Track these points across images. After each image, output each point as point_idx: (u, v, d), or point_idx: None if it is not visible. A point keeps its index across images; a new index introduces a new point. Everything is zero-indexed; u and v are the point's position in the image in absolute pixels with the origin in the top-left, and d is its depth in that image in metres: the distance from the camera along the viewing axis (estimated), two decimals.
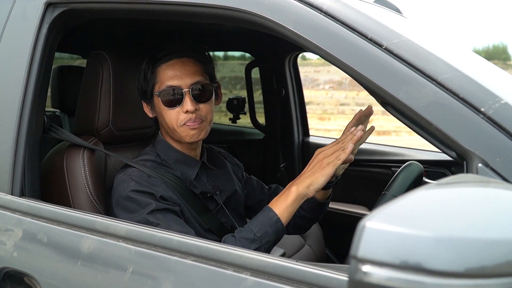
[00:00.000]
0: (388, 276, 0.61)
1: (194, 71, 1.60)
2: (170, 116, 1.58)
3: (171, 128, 1.60)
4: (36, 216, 1.33)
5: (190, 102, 1.56)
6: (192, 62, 1.61)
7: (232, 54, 5.38)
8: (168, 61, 1.59)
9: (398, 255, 0.61)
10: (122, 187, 1.53)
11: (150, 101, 1.64)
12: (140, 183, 1.52)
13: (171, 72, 1.58)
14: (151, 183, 1.53)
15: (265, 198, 1.93)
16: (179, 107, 1.57)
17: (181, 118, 1.57)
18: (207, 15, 1.30)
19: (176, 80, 1.57)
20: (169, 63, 1.59)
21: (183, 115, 1.57)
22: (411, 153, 2.90)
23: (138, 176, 1.54)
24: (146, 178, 1.54)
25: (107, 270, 1.19)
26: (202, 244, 1.13)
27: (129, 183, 1.52)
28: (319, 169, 1.41)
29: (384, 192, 1.36)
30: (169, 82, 1.57)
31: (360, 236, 0.63)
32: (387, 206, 0.66)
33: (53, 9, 1.48)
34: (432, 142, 1.14)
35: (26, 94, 1.44)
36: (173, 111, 1.57)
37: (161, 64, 1.59)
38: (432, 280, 0.60)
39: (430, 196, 0.71)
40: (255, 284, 1.04)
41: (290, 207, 1.44)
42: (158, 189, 1.52)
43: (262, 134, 3.16)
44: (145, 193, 1.50)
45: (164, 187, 1.54)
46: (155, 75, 1.59)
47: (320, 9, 1.16)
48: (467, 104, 1.00)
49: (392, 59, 1.07)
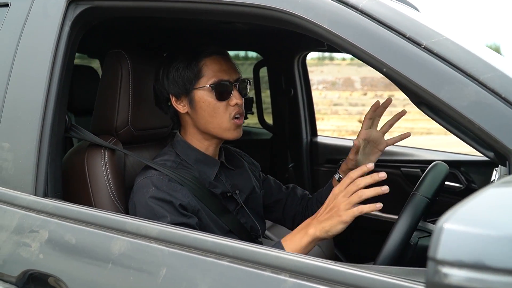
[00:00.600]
0: (469, 277, 0.60)
1: (234, 67, 1.65)
2: (219, 109, 1.59)
3: (218, 122, 1.60)
4: (63, 217, 1.31)
5: (238, 95, 1.61)
6: (228, 58, 1.66)
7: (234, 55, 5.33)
8: (211, 55, 1.61)
9: (478, 256, 0.61)
10: (142, 192, 1.51)
11: (188, 95, 1.61)
12: (160, 188, 1.50)
13: (218, 66, 1.60)
14: (171, 188, 1.51)
15: (283, 197, 1.92)
16: (227, 101, 1.59)
17: (230, 110, 1.59)
18: (238, 14, 1.29)
19: (226, 74, 1.60)
20: (213, 58, 1.61)
21: (231, 108, 1.60)
22: (419, 153, 2.90)
23: (158, 180, 1.52)
24: (166, 182, 1.52)
25: (140, 272, 1.17)
26: (238, 245, 1.12)
27: (149, 188, 1.50)
28: (336, 215, 1.32)
29: (413, 192, 1.35)
30: (220, 75, 1.59)
31: (439, 237, 0.63)
32: (461, 205, 0.65)
33: (75, 6, 1.46)
34: (468, 142, 1.14)
35: (49, 93, 1.42)
36: (222, 104, 1.59)
37: (204, 57, 1.60)
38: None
39: (501, 195, 0.70)
40: (295, 286, 1.02)
41: (304, 249, 1.35)
42: (178, 195, 1.50)
43: (270, 134, 3.16)
44: (164, 201, 1.48)
45: (184, 192, 1.52)
46: (200, 68, 1.59)
47: (356, 7, 1.15)
48: (509, 104, 1.00)
49: (433, 58, 1.06)
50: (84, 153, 1.60)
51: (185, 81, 1.60)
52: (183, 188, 1.53)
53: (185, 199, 1.51)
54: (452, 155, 2.75)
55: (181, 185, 1.53)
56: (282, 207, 1.92)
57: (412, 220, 1.27)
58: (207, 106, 1.59)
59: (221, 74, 1.59)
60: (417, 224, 1.30)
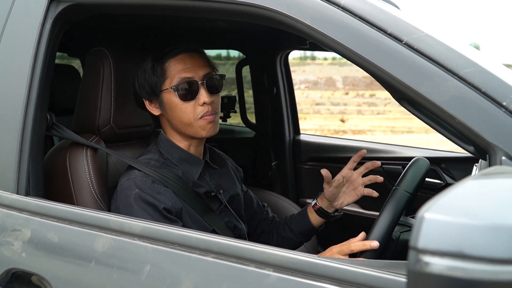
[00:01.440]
0: (449, 265, 0.62)
1: (203, 63, 1.61)
2: (186, 110, 1.56)
3: (187, 123, 1.58)
4: (46, 216, 1.30)
5: (206, 93, 1.56)
6: (198, 55, 1.62)
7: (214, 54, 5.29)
8: (177, 55, 1.58)
9: (458, 245, 0.62)
10: (125, 194, 1.51)
11: (158, 98, 1.61)
12: (144, 190, 1.50)
13: (182, 66, 1.57)
14: (155, 191, 1.51)
15: (259, 213, 1.94)
16: (194, 100, 1.56)
17: (198, 111, 1.56)
18: (220, 11, 1.29)
19: (190, 73, 1.57)
20: (178, 57, 1.58)
21: (199, 108, 1.56)
22: (400, 150, 2.92)
23: (142, 182, 1.51)
24: (150, 184, 1.51)
25: (123, 270, 1.17)
26: (222, 241, 1.12)
27: (132, 190, 1.50)
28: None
29: (395, 187, 1.37)
30: (183, 75, 1.56)
31: (420, 227, 0.64)
32: (441, 196, 0.67)
33: (56, 4, 1.44)
34: (449, 137, 1.15)
35: (31, 92, 1.41)
36: (189, 104, 1.56)
37: (169, 58, 1.58)
38: (492, 268, 0.60)
39: (479, 186, 0.72)
40: (279, 280, 1.03)
41: None
42: (161, 198, 1.50)
43: (253, 133, 3.16)
44: (148, 204, 1.48)
45: (167, 194, 1.52)
46: (165, 70, 1.58)
47: (338, 4, 1.16)
48: (489, 98, 1.01)
49: (413, 54, 1.07)
50: (66, 151, 1.59)
51: (152, 85, 1.59)
52: (166, 190, 1.52)
53: (169, 202, 1.51)
54: (432, 152, 2.78)
55: (165, 187, 1.53)
56: (256, 222, 1.92)
57: (394, 214, 1.29)
58: (174, 108, 1.58)
59: (185, 74, 1.56)
60: (399, 218, 1.32)
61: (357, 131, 17.35)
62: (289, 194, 2.92)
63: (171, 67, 1.57)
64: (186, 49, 1.60)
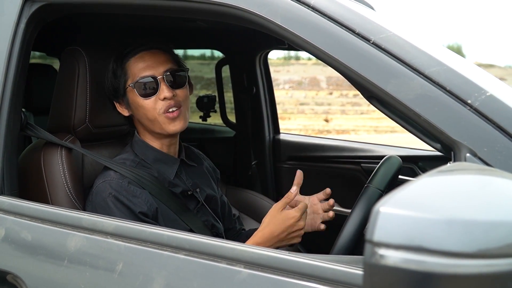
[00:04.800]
0: (404, 258, 0.63)
1: (165, 59, 1.61)
2: (148, 106, 1.57)
3: (152, 119, 1.58)
4: (19, 215, 1.30)
5: (166, 88, 1.57)
6: (160, 51, 1.63)
7: (191, 54, 5.24)
8: (137, 54, 1.60)
9: (413, 238, 0.64)
10: (101, 196, 1.51)
11: (124, 99, 1.63)
12: (120, 192, 1.50)
13: (142, 64, 1.59)
14: (131, 193, 1.51)
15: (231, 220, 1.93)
16: (155, 96, 1.57)
17: (159, 106, 1.57)
18: (192, 10, 1.30)
19: (149, 70, 1.58)
20: (138, 56, 1.60)
21: (160, 103, 1.57)
22: (379, 149, 2.95)
23: (117, 185, 1.52)
24: (125, 187, 1.52)
25: (96, 267, 1.18)
26: (194, 238, 1.13)
27: (108, 193, 1.50)
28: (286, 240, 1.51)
29: (367, 185, 1.39)
30: (142, 73, 1.58)
31: (375, 220, 0.65)
32: (397, 192, 0.68)
33: (31, 4, 1.44)
34: (417, 135, 1.18)
35: (5, 91, 1.41)
36: (150, 100, 1.57)
37: (130, 58, 1.60)
38: (446, 261, 0.62)
39: (435, 182, 0.74)
40: (250, 277, 1.05)
41: None
42: (137, 201, 1.50)
43: (233, 132, 3.16)
44: (125, 206, 1.49)
45: (143, 197, 1.52)
46: (126, 71, 1.60)
47: (308, 4, 1.18)
48: (454, 97, 1.04)
49: (380, 53, 1.10)
50: (41, 151, 1.59)
51: (114, 86, 1.62)
52: (143, 192, 1.53)
53: (144, 206, 1.51)
54: (410, 151, 2.81)
55: (141, 188, 1.53)
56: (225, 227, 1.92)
57: (365, 211, 1.31)
58: (138, 106, 1.59)
59: (143, 71, 1.58)
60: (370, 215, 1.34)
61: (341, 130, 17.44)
62: (269, 193, 2.94)
63: (131, 66, 1.59)
64: (147, 47, 1.61)
